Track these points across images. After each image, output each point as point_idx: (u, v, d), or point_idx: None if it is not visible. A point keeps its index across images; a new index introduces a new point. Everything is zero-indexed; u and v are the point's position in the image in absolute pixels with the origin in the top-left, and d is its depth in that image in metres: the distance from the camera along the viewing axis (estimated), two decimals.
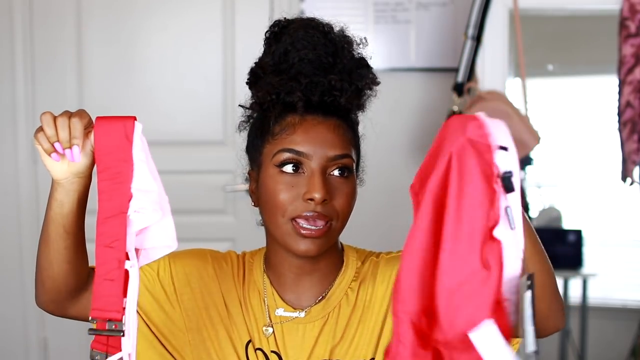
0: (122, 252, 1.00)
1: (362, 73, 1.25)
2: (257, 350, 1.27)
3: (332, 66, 1.23)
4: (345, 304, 1.28)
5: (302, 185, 1.20)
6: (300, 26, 1.25)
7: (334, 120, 1.23)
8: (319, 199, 1.19)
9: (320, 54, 1.23)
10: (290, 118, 1.23)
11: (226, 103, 3.09)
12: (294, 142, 1.22)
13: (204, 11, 3.09)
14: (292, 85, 1.22)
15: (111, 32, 3.09)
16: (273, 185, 1.22)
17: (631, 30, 2.85)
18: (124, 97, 3.10)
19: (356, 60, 1.26)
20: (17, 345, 3.16)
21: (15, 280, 3.15)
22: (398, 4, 3.06)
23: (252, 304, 1.29)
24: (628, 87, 2.83)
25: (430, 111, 3.05)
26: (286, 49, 1.24)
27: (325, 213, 1.20)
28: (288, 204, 1.20)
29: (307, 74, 1.22)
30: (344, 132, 1.24)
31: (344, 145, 1.23)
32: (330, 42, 1.24)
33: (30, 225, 3.11)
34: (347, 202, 1.22)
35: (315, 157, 1.21)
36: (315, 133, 1.22)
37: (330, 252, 1.28)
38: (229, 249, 1.42)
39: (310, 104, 1.23)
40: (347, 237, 1.33)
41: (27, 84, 3.09)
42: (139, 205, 1.01)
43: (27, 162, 3.10)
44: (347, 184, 1.23)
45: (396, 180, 3.12)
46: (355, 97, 1.24)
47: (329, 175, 1.22)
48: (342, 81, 1.22)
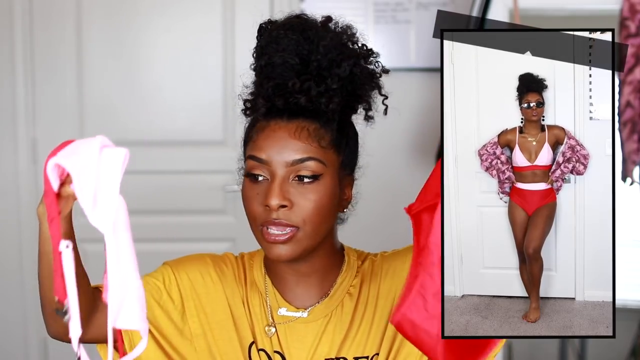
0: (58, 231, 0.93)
1: (342, 69, 1.20)
2: (259, 351, 1.27)
3: (305, 66, 1.20)
4: (347, 302, 1.29)
5: (263, 192, 1.20)
6: (276, 27, 1.23)
7: (297, 122, 1.20)
8: (274, 206, 1.18)
9: (287, 56, 1.20)
10: (259, 124, 1.23)
11: (226, 103, 3.09)
12: (256, 149, 1.21)
13: (204, 11, 3.09)
14: (258, 91, 1.22)
15: (111, 32, 3.09)
16: (244, 193, 1.23)
17: (631, 30, 2.85)
18: (124, 97, 3.09)
19: (335, 56, 1.21)
20: (17, 345, 3.16)
21: (15, 280, 3.15)
22: (398, 4, 3.05)
23: (254, 305, 1.29)
24: (628, 87, 2.83)
25: (430, 111, 3.04)
26: (260, 53, 1.24)
27: (287, 219, 1.19)
28: (255, 212, 1.21)
29: (273, 78, 1.20)
30: (310, 134, 1.20)
31: (307, 148, 1.19)
32: (306, 40, 1.21)
33: (30, 226, 3.11)
34: (314, 207, 1.19)
35: (274, 163, 1.19)
36: (276, 138, 1.20)
37: (326, 252, 1.27)
38: (229, 249, 1.42)
39: (276, 108, 1.21)
40: (346, 237, 1.33)
41: (27, 84, 3.08)
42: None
43: (27, 162, 3.10)
44: (312, 189, 1.20)
45: (396, 181, 3.13)
46: (325, 96, 1.19)
47: (292, 181, 1.20)
48: (308, 81, 1.19)
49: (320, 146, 1.21)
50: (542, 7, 3.18)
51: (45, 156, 1.00)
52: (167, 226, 3.10)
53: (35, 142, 3.10)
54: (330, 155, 1.22)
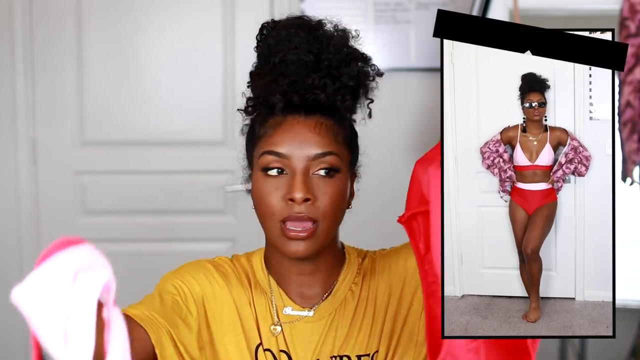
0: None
1: (351, 68, 1.24)
2: (265, 351, 1.27)
3: (317, 64, 1.23)
4: (350, 299, 1.30)
5: (285, 186, 1.21)
6: (284, 27, 1.25)
7: (316, 118, 1.22)
8: (299, 199, 1.19)
9: (301, 53, 1.22)
10: (272, 120, 1.24)
11: (226, 103, 3.09)
12: (274, 144, 1.22)
13: (204, 11, 3.09)
14: (273, 87, 1.22)
15: (111, 32, 3.09)
16: (260, 189, 1.22)
17: (631, 30, 2.85)
18: (124, 97, 3.10)
19: (344, 56, 1.24)
20: (17, 345, 3.16)
21: (15, 280, 3.13)
22: (398, 4, 3.05)
23: (260, 305, 1.30)
24: (628, 87, 2.83)
25: (430, 111, 3.04)
26: (269, 51, 1.25)
27: (310, 214, 1.19)
28: (275, 207, 1.21)
29: (288, 75, 1.22)
30: (328, 130, 1.23)
31: (326, 143, 1.22)
32: (315, 39, 1.23)
33: (30, 226, 3.11)
34: (332, 202, 1.21)
35: (296, 157, 1.21)
36: (295, 133, 1.21)
37: (330, 250, 1.28)
38: (229, 249, 1.42)
39: (292, 105, 1.22)
40: (345, 237, 1.34)
41: (27, 84, 3.09)
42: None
43: (27, 162, 3.09)
44: (332, 183, 1.22)
45: (396, 180, 3.13)
46: (340, 93, 1.23)
47: (312, 175, 1.21)
48: (324, 78, 1.21)
49: (337, 142, 1.23)
50: (542, 7, 3.18)
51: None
52: (167, 226, 3.10)
53: (35, 142, 3.10)
54: (344, 152, 1.25)
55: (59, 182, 3.08)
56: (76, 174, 3.09)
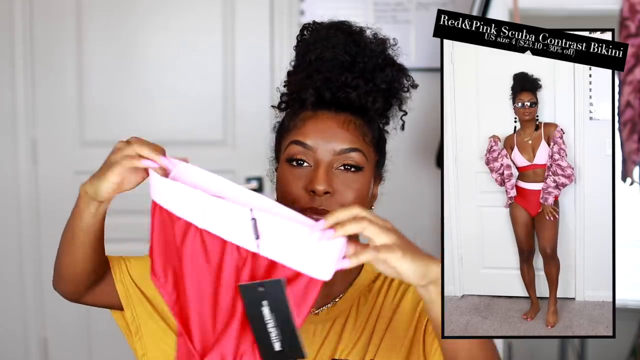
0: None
1: (386, 74, 1.26)
2: None
3: (352, 65, 1.25)
4: (357, 307, 1.28)
5: (307, 177, 1.21)
6: (324, 28, 1.28)
7: (346, 115, 1.24)
8: (320, 191, 1.19)
9: (338, 52, 1.25)
10: (303, 114, 1.25)
11: (226, 103, 3.09)
12: (302, 135, 1.23)
13: (204, 11, 3.09)
14: (307, 83, 1.25)
15: (111, 32, 3.09)
16: (284, 178, 1.23)
17: (631, 30, 2.85)
18: (124, 97, 3.10)
19: (380, 61, 1.27)
20: (17, 345, 3.16)
21: (15, 280, 3.14)
22: (398, 4, 3.05)
23: None
24: (628, 87, 2.83)
25: (430, 111, 3.04)
26: (307, 49, 1.27)
27: (329, 207, 1.19)
28: (295, 197, 1.21)
29: (322, 71, 1.24)
30: (357, 128, 1.24)
31: (353, 140, 1.23)
32: (353, 42, 1.26)
33: (30, 225, 3.11)
34: (352, 197, 1.21)
35: (321, 149, 1.21)
36: (324, 126, 1.23)
37: None
38: None
39: (323, 100, 1.24)
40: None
41: (27, 84, 3.08)
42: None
43: (27, 162, 3.09)
44: (355, 179, 1.22)
45: (395, 180, 3.12)
46: (372, 95, 1.25)
47: (335, 170, 1.22)
48: (357, 79, 1.23)
49: (364, 141, 1.24)
50: (542, 7, 3.18)
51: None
52: None
53: (35, 141, 3.10)
54: (370, 152, 1.26)
55: (59, 182, 3.07)
56: (76, 174, 3.08)
